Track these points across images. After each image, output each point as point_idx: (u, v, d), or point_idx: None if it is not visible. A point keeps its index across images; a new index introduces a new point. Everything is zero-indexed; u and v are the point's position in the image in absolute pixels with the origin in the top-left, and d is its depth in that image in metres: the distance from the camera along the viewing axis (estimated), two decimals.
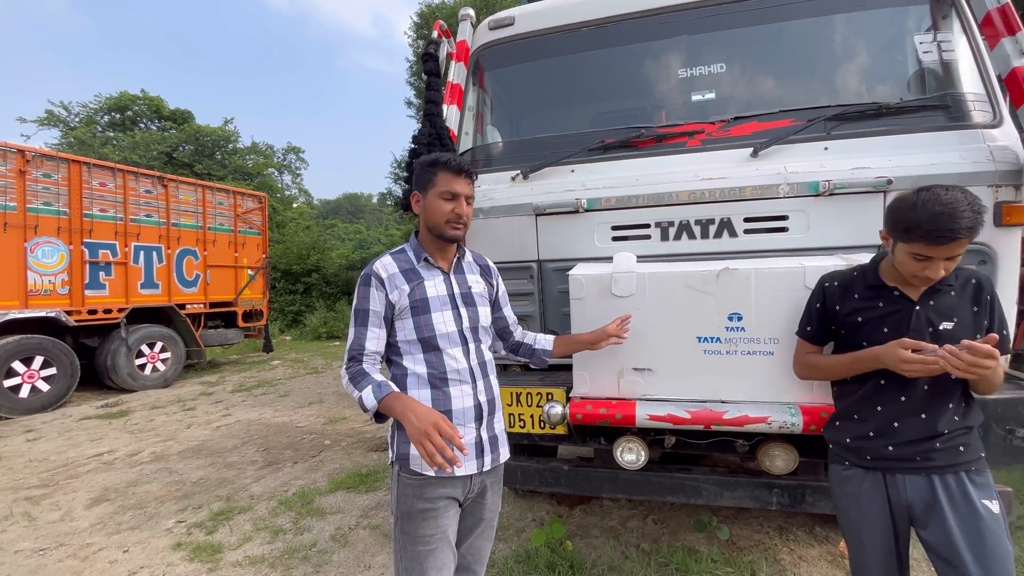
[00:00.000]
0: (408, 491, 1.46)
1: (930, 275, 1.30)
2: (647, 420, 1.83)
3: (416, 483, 1.46)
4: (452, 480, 1.47)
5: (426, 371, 1.48)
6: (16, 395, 6.38)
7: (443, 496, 1.47)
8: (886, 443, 1.39)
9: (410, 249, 1.58)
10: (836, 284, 1.52)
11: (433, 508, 1.45)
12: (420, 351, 1.49)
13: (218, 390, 7.62)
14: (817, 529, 2.87)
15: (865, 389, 1.45)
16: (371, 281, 1.49)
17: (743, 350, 1.79)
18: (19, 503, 3.66)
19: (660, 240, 2.22)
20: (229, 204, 9.53)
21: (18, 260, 6.51)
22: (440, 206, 1.50)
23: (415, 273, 1.52)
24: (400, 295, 1.48)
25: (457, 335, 1.52)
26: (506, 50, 2.79)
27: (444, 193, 1.50)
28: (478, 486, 1.55)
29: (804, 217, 2.07)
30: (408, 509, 1.46)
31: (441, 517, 1.47)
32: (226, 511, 3.40)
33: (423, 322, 1.48)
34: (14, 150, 6.51)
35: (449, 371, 1.48)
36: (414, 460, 1.44)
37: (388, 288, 1.48)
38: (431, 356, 1.48)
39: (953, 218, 1.21)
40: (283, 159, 25.17)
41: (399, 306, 1.48)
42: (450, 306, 1.53)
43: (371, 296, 1.48)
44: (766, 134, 2.19)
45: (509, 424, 2.21)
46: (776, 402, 1.77)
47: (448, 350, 1.49)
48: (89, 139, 17.98)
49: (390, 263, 1.52)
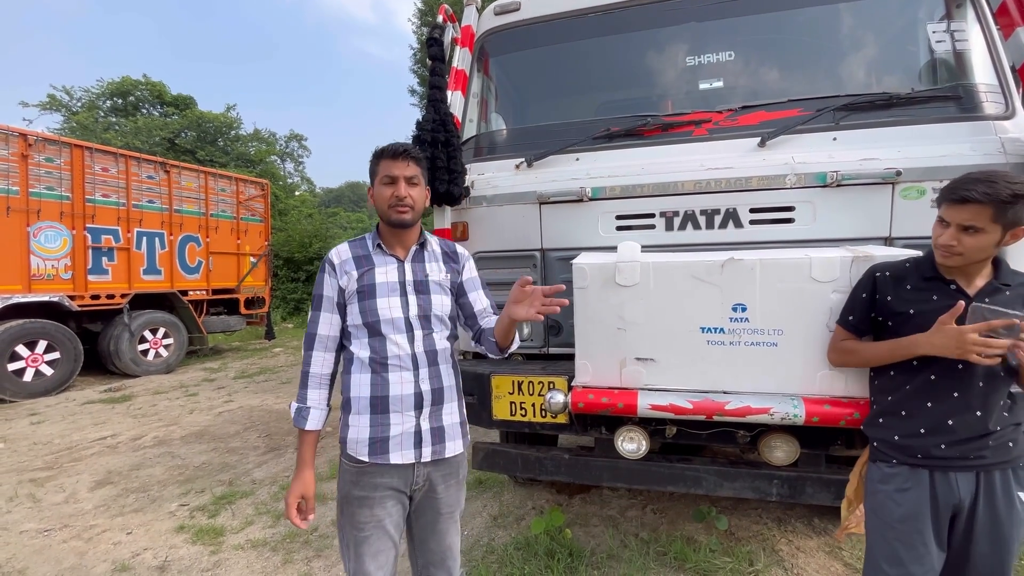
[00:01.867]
0: (346, 476, 1.51)
1: (943, 241, 1.31)
2: (648, 410, 1.83)
3: (352, 469, 1.49)
4: (388, 469, 1.47)
5: (368, 356, 1.49)
6: (20, 379, 6.42)
7: (380, 485, 1.47)
8: (939, 441, 1.35)
9: (369, 237, 1.60)
10: (888, 275, 1.48)
11: (368, 497, 1.47)
12: (365, 335, 1.50)
13: (220, 376, 7.66)
14: (816, 520, 2.89)
15: (914, 384, 1.40)
16: (325, 267, 1.55)
17: (746, 341, 1.78)
18: (24, 485, 3.70)
19: (665, 230, 2.21)
20: (231, 191, 9.51)
21: (21, 244, 6.52)
22: (381, 192, 1.51)
23: (367, 260, 1.54)
24: (349, 280, 1.51)
25: (403, 321, 1.50)
26: (511, 36, 2.76)
27: (383, 178, 1.51)
28: (423, 478, 1.52)
29: (811, 208, 2.05)
30: (345, 494, 1.50)
31: (376, 506, 1.47)
32: (228, 495, 3.43)
33: (368, 307, 1.49)
34: (16, 134, 6.48)
35: (390, 356, 1.48)
36: (350, 445, 1.49)
37: (338, 273, 1.52)
38: (374, 341, 1.49)
39: (975, 181, 1.24)
40: (285, 146, 25.08)
41: (348, 291, 1.52)
42: (399, 293, 1.52)
43: (324, 282, 1.54)
44: (774, 124, 2.17)
45: (510, 413, 2.22)
46: (778, 393, 1.76)
47: (391, 336, 1.48)
48: (91, 124, 17.91)
49: (344, 249, 1.57)
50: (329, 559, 2.66)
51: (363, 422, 1.47)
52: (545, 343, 2.46)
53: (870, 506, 1.51)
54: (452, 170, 2.29)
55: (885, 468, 1.46)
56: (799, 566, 2.49)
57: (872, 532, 1.48)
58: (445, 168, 2.27)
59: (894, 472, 1.43)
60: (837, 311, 1.64)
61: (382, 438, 1.46)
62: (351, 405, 1.50)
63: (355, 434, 1.47)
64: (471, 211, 2.50)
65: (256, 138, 22.71)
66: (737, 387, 1.82)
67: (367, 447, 1.46)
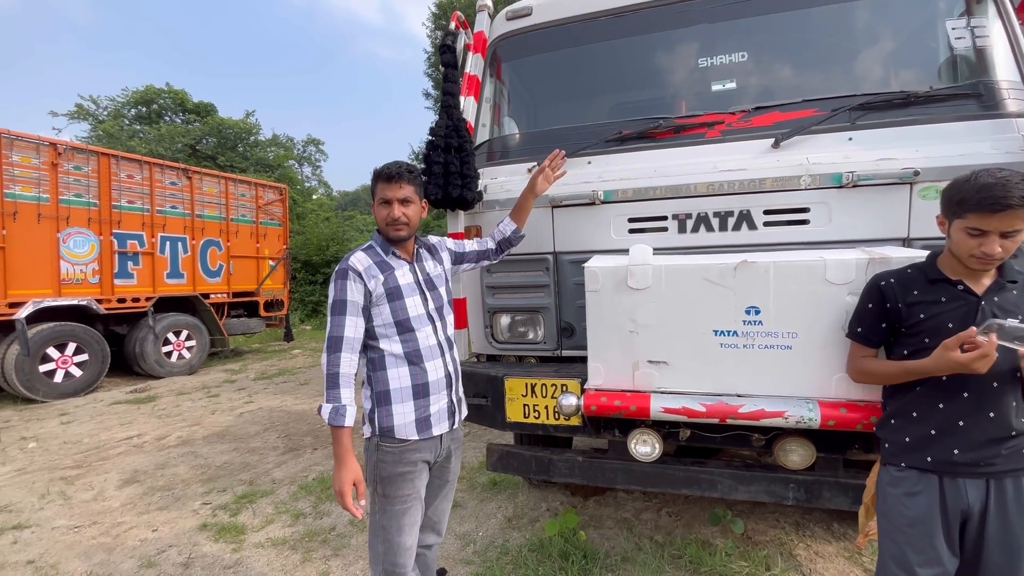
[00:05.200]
0: (389, 458, 1.65)
1: (986, 251, 1.26)
2: (661, 413, 1.83)
3: (398, 450, 1.65)
4: (428, 443, 1.70)
5: (403, 350, 1.67)
6: (51, 380, 6.65)
7: (419, 460, 1.68)
8: (951, 446, 1.33)
9: (377, 245, 1.75)
10: (893, 282, 1.45)
11: (411, 471, 1.67)
12: (396, 333, 1.67)
13: (241, 378, 7.82)
14: (835, 525, 2.84)
15: (925, 385, 1.37)
16: (348, 274, 1.64)
17: (760, 344, 1.78)
18: (55, 483, 3.83)
19: (677, 232, 2.20)
20: (251, 196, 9.71)
21: (51, 250, 6.75)
22: (378, 212, 1.71)
23: (386, 264, 1.70)
24: (376, 284, 1.65)
25: (425, 317, 1.72)
26: (523, 40, 2.78)
27: (379, 200, 1.71)
28: (446, 449, 1.79)
29: (826, 209, 2.03)
30: (388, 474, 1.65)
31: (417, 479, 1.69)
32: (249, 494, 3.51)
33: (398, 307, 1.67)
34: (47, 143, 6.72)
35: (423, 348, 1.69)
36: (398, 430, 1.65)
37: (366, 278, 1.64)
38: (407, 336, 1.67)
39: (1006, 187, 1.21)
40: (303, 151, 25.45)
41: (375, 294, 1.65)
42: (417, 291, 1.73)
43: (349, 288, 1.63)
44: (788, 124, 2.15)
45: (523, 415, 2.24)
46: (793, 397, 1.75)
47: (421, 330, 1.69)
48: (117, 132, 18.42)
49: (364, 258, 1.69)
50: (347, 558, 2.70)
51: (408, 408, 1.67)
52: (558, 345, 2.47)
53: (880, 509, 1.50)
54: (465, 175, 2.32)
55: (894, 471, 1.44)
56: (817, 571, 2.46)
57: (883, 535, 1.47)
58: (458, 173, 2.30)
59: (903, 476, 1.41)
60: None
61: (426, 417, 1.69)
62: (391, 397, 1.66)
63: (402, 419, 1.66)
64: (484, 215, 2.53)
65: (275, 143, 23.11)
66: (751, 390, 1.81)
67: (415, 428, 1.67)
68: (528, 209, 2.16)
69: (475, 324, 2.63)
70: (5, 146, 6.32)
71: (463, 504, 3.25)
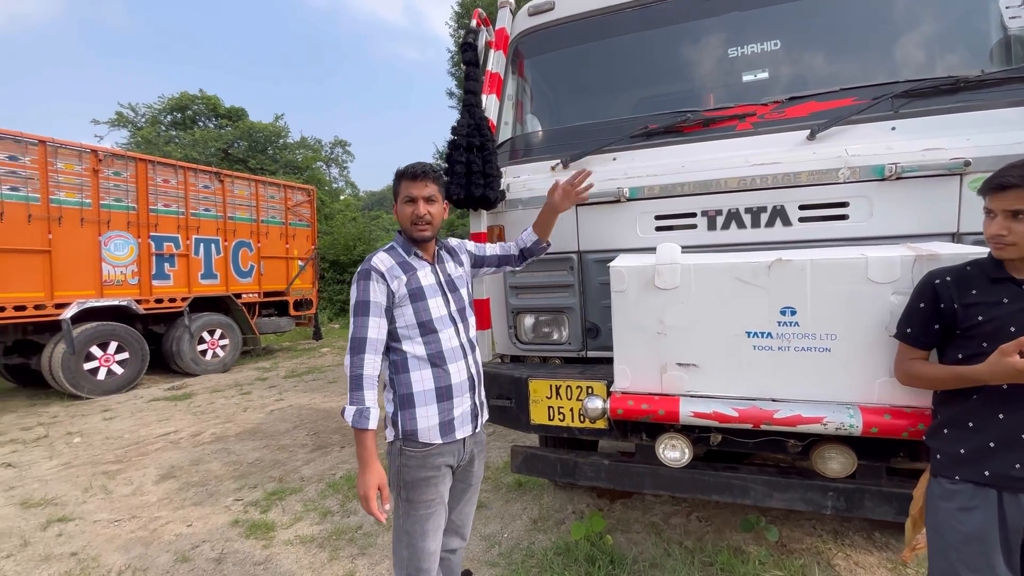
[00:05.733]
0: (412, 462, 1.63)
1: (992, 231, 1.27)
2: (691, 417, 1.77)
3: (421, 454, 1.63)
4: (451, 446, 1.67)
5: (425, 352, 1.64)
6: (95, 377, 6.94)
7: (443, 464, 1.66)
8: (1013, 460, 1.24)
9: (399, 246, 1.73)
10: (949, 280, 1.36)
11: (435, 476, 1.64)
12: (419, 335, 1.64)
13: (272, 375, 8.01)
14: (877, 534, 2.71)
15: (984, 393, 1.28)
16: (371, 275, 1.62)
17: (796, 346, 1.69)
18: (97, 477, 3.99)
19: (707, 230, 2.13)
20: (280, 197, 9.92)
21: (94, 253, 7.04)
22: (403, 211, 1.68)
23: (408, 265, 1.68)
24: (399, 284, 1.63)
25: (448, 318, 1.69)
26: (546, 36, 2.73)
27: (403, 198, 1.68)
28: (469, 452, 1.75)
29: (867, 203, 1.92)
30: (412, 478, 1.62)
31: (441, 483, 1.66)
32: (279, 491, 3.58)
33: (421, 308, 1.64)
34: (88, 150, 7.00)
35: (446, 350, 1.66)
36: (421, 434, 1.62)
37: (389, 279, 1.62)
38: (430, 338, 1.65)
39: (1013, 165, 1.22)
40: (330, 152, 25.91)
41: (398, 295, 1.63)
42: (439, 293, 1.70)
43: (372, 288, 1.60)
44: (825, 115, 2.05)
45: (548, 417, 2.20)
46: (832, 402, 1.66)
47: (443, 331, 1.67)
48: (154, 138, 19.11)
49: (386, 258, 1.66)
50: (373, 557, 2.72)
51: (431, 411, 1.63)
52: (583, 346, 2.42)
53: (931, 523, 1.40)
54: (487, 174, 2.29)
55: (947, 484, 1.34)
56: None
57: (933, 552, 1.37)
58: (480, 172, 2.28)
59: (957, 489, 1.32)
60: (898, 314, 1.52)
61: (449, 420, 1.65)
62: (414, 400, 1.64)
63: (425, 423, 1.63)
64: (507, 214, 2.50)
65: (303, 146, 23.60)
66: (786, 395, 1.73)
67: (439, 432, 1.64)
68: (550, 224, 2.05)
69: (499, 325, 2.61)
70: (50, 154, 6.62)
71: (488, 505, 3.24)
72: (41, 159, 6.52)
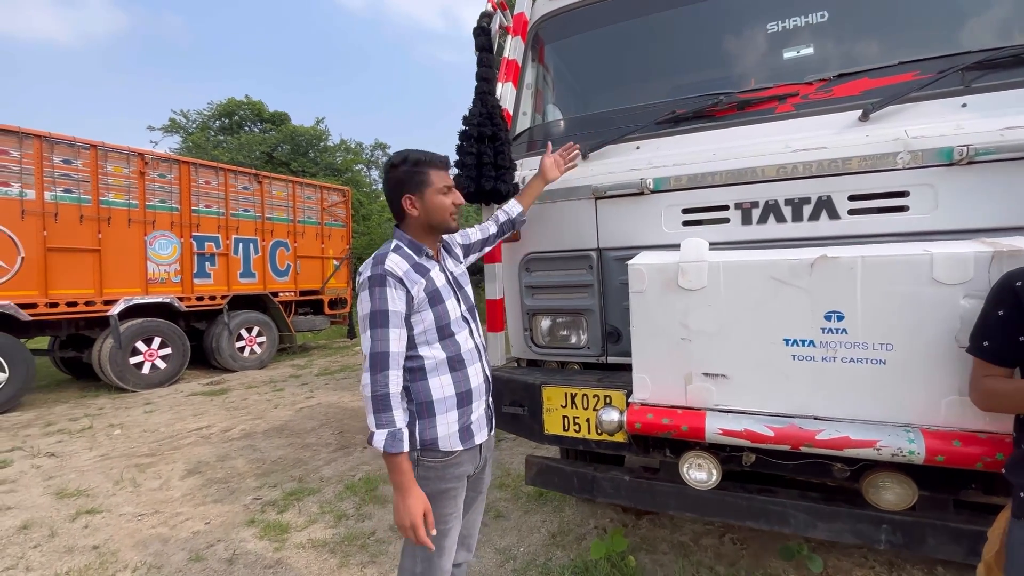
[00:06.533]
0: (432, 474, 1.50)
1: None
2: (719, 435, 1.56)
3: (441, 464, 1.51)
4: (470, 453, 1.57)
5: (445, 356, 1.53)
6: (140, 371, 7.23)
7: (461, 475, 1.56)
8: None
9: (406, 245, 1.57)
10: None
11: (455, 488, 1.54)
12: (438, 339, 1.53)
13: (305, 373, 8.14)
14: (939, 569, 2.40)
15: None
16: (388, 281, 1.43)
17: (844, 357, 1.46)
18: (129, 469, 4.09)
19: (741, 224, 1.91)
20: (316, 198, 10.11)
21: (139, 252, 7.34)
22: (442, 201, 1.56)
23: (422, 267, 1.54)
24: (419, 289, 1.49)
25: (461, 319, 1.59)
26: (569, 19, 2.56)
27: (442, 188, 1.56)
28: (483, 459, 1.66)
29: (931, 193, 1.66)
30: (432, 491, 1.49)
31: (459, 495, 1.57)
32: (297, 491, 3.55)
33: (441, 311, 1.53)
34: (135, 154, 7.31)
35: (464, 352, 1.56)
36: (442, 442, 1.50)
37: (408, 284, 1.47)
38: (448, 342, 1.54)
39: None
40: (370, 155, 26.44)
41: (418, 300, 1.49)
42: (452, 292, 1.59)
43: (390, 296, 1.43)
44: (880, 92, 1.79)
45: (563, 428, 2.04)
46: (887, 423, 1.43)
47: (460, 334, 1.57)
48: (203, 143, 20.02)
49: (400, 261, 1.50)
50: (383, 566, 2.62)
51: (452, 418, 1.52)
52: (603, 351, 2.24)
53: (1012, 572, 1.15)
54: (499, 166, 2.15)
55: None
56: None
57: None
58: (492, 164, 2.14)
59: None
60: (969, 322, 1.28)
61: (468, 426, 1.56)
62: (435, 407, 1.51)
63: (446, 430, 1.51)
64: None
65: (343, 148, 24.17)
66: (831, 412, 1.50)
67: (459, 438, 1.53)
68: (535, 193, 2.08)
69: (514, 326, 2.46)
70: (101, 158, 6.94)
71: (506, 515, 3.09)
72: (92, 162, 6.85)
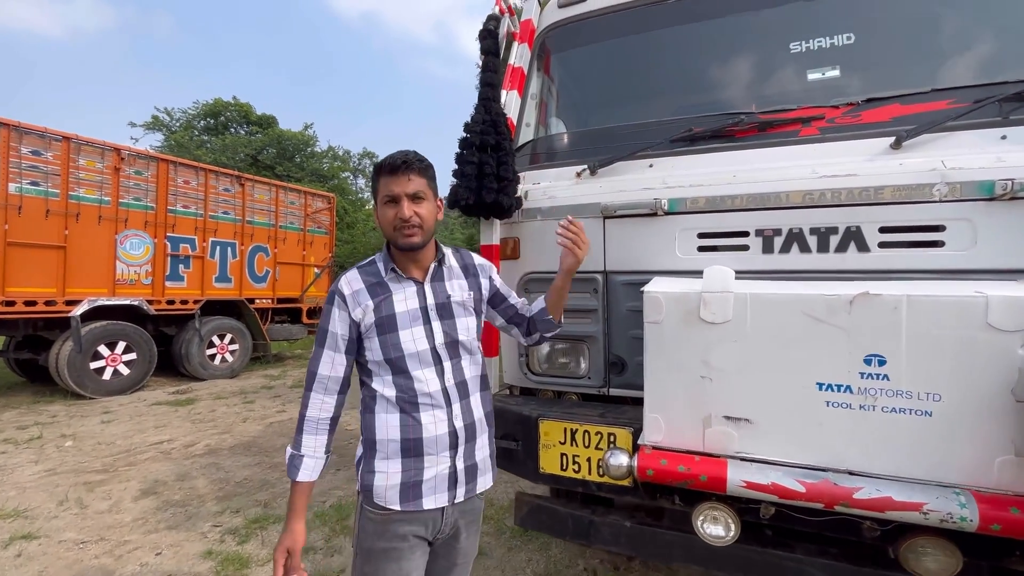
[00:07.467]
0: (369, 527, 1.33)
1: None
2: (742, 488, 1.40)
3: (379, 518, 1.32)
4: (420, 515, 1.33)
5: (395, 394, 1.33)
6: (100, 377, 6.81)
7: (408, 535, 1.32)
8: None
9: (380, 260, 1.41)
10: None
11: (396, 548, 1.32)
12: (389, 372, 1.34)
13: (279, 384, 7.78)
14: None
15: None
16: (334, 299, 1.36)
17: (885, 406, 1.32)
18: (77, 488, 3.74)
19: (762, 252, 1.77)
20: (300, 204, 9.85)
21: (109, 251, 6.98)
22: (384, 214, 1.34)
23: (382, 287, 1.36)
24: (364, 312, 1.34)
25: (429, 353, 1.35)
26: (577, 30, 2.45)
27: (384, 198, 1.33)
28: (450, 525, 1.39)
29: (969, 228, 1.54)
30: (369, 547, 1.32)
31: (404, 559, 1.32)
32: (262, 519, 3.27)
33: (389, 341, 1.33)
34: (111, 148, 6.99)
35: (420, 395, 1.33)
36: (377, 493, 1.31)
37: (351, 305, 1.34)
38: (400, 379, 1.34)
39: None
40: (358, 163, 26.18)
41: (364, 324, 1.34)
42: (421, 321, 1.36)
43: (332, 315, 1.35)
44: (912, 120, 1.69)
45: (561, 466, 1.85)
46: (933, 483, 1.28)
47: (417, 371, 1.34)
48: (187, 142, 19.54)
49: (355, 278, 1.38)
50: None
51: (393, 467, 1.32)
52: (605, 382, 2.07)
53: None
54: (502, 177, 1.99)
55: None
56: None
57: None
58: (494, 175, 1.97)
59: None
60: None
61: (415, 482, 1.31)
62: (377, 449, 1.33)
63: (383, 481, 1.31)
64: (523, 225, 2.18)
65: (331, 155, 23.88)
66: (868, 467, 1.34)
67: (398, 494, 1.31)
68: (564, 291, 1.58)
69: (509, 351, 2.28)
70: (73, 150, 6.61)
71: (488, 553, 2.87)
72: (64, 155, 6.51)
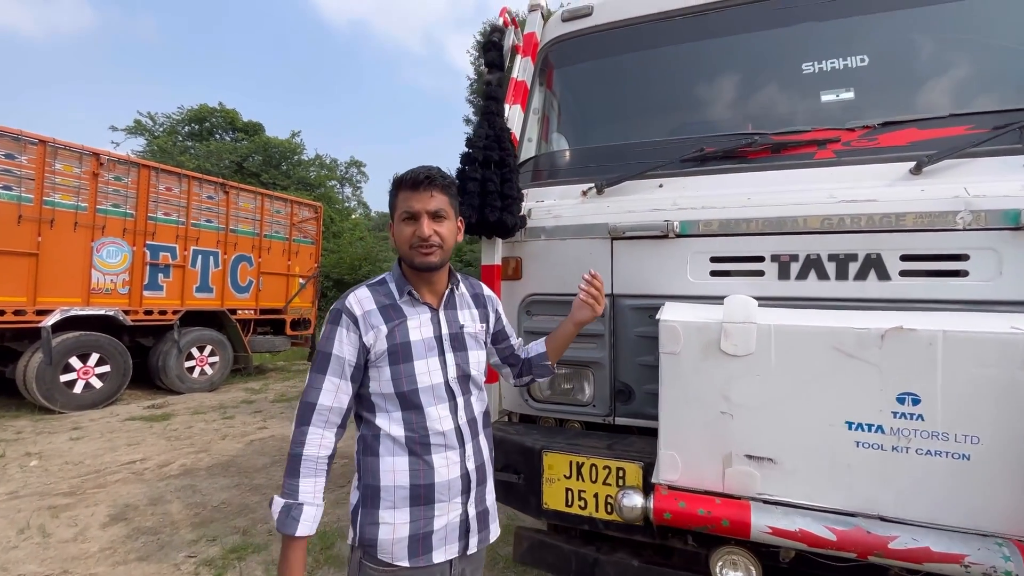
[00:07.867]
0: None
1: None
2: (766, 534, 1.31)
3: (382, 574, 1.20)
4: (427, 570, 1.21)
5: (404, 434, 1.21)
6: (71, 390, 6.50)
7: None
8: None
9: (392, 280, 1.30)
10: None
11: None
12: (398, 408, 1.22)
13: (260, 398, 7.53)
14: None
15: None
16: (341, 318, 1.22)
17: (919, 448, 1.24)
18: (41, 513, 3.50)
19: (777, 278, 1.70)
20: (286, 212, 9.64)
21: (84, 259, 6.71)
22: (401, 231, 1.26)
23: (396, 310, 1.26)
24: (376, 337, 1.21)
25: (443, 387, 1.25)
26: (580, 45, 2.38)
27: (402, 214, 1.26)
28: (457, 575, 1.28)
29: (994, 258, 1.49)
30: None
31: None
32: (240, 548, 3.08)
33: (403, 372, 1.21)
34: (89, 153, 6.76)
35: (432, 434, 1.22)
36: (382, 548, 1.19)
37: (362, 328, 1.21)
38: (410, 415, 1.22)
39: None
40: (345, 172, 25.95)
41: (375, 351, 1.21)
42: (436, 351, 1.26)
43: (339, 337, 1.21)
44: (930, 144, 1.64)
45: (566, 502, 1.74)
46: (973, 532, 1.20)
47: (431, 408, 1.23)
48: (170, 148, 19.15)
49: (366, 297, 1.26)
50: None
51: (400, 518, 1.19)
52: (611, 411, 1.97)
53: None
54: (506, 195, 1.90)
55: None
56: None
57: None
58: (497, 192, 1.88)
59: None
60: None
61: (424, 534, 1.20)
62: (382, 497, 1.20)
63: (389, 534, 1.19)
64: (527, 245, 2.09)
65: (318, 163, 23.64)
66: (902, 513, 1.26)
67: (406, 548, 1.19)
68: (569, 340, 1.55)
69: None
70: (49, 155, 6.37)
71: None
72: (40, 159, 6.27)
